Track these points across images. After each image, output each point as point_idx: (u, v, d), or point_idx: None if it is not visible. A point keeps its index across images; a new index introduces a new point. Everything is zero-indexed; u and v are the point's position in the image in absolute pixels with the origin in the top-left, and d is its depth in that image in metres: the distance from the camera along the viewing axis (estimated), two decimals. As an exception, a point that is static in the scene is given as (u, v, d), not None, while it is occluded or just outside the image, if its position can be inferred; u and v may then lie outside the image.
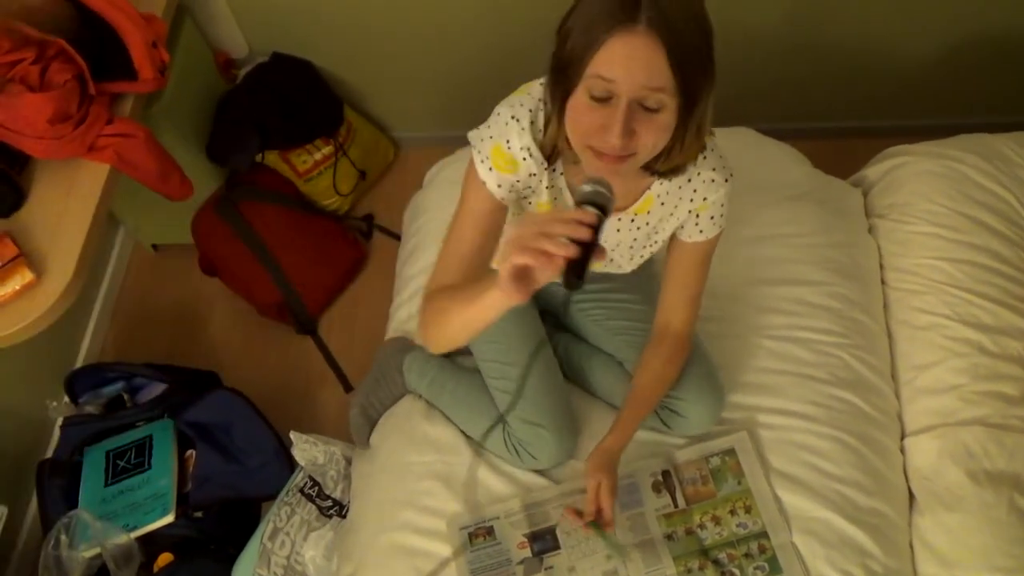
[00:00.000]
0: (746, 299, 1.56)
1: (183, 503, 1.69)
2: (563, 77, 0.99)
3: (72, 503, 1.70)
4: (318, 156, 2.24)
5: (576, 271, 0.88)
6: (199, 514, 1.70)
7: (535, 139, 1.11)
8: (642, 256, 1.33)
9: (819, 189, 1.73)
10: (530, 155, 1.12)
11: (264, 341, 2.21)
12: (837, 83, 2.20)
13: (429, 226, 1.78)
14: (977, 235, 1.56)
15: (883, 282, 1.62)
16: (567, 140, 1.06)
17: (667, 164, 1.09)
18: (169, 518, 1.65)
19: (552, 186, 1.17)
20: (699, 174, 1.18)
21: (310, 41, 2.18)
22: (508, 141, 1.11)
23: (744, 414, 1.44)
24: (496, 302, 0.95)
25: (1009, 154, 1.66)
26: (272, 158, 2.22)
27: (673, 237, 1.27)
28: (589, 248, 0.88)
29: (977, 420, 1.39)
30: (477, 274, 1.13)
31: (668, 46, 0.92)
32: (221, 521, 1.72)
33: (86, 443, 1.78)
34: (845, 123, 2.31)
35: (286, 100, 2.16)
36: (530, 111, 1.11)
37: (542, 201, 1.19)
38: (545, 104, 1.07)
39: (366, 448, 1.47)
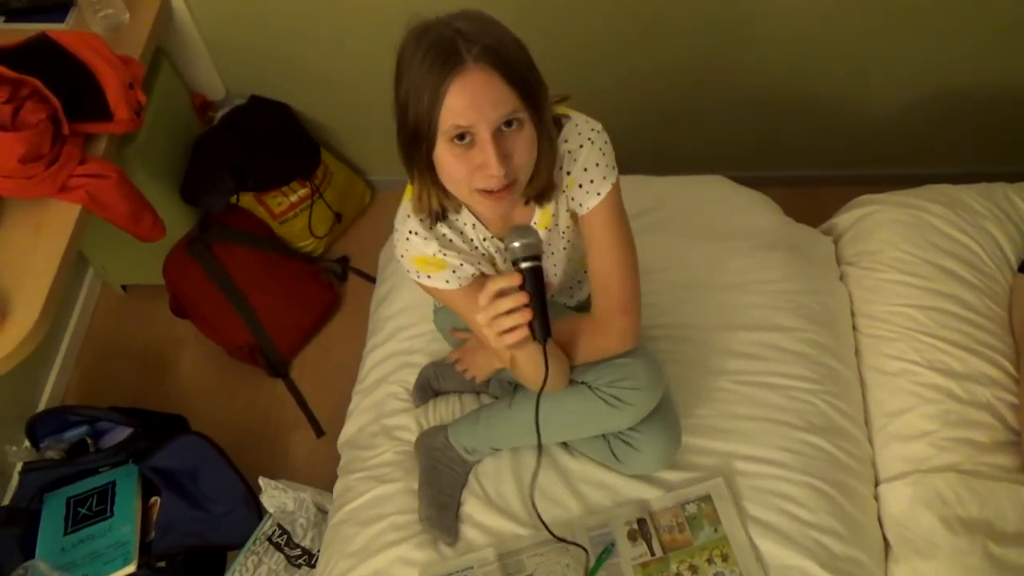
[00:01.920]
0: (720, 344, 1.57)
1: (146, 552, 1.64)
2: (419, 143, 1.02)
3: (29, 553, 1.64)
4: (294, 198, 2.24)
5: (541, 329, 1.02)
6: (162, 564, 1.64)
7: (443, 241, 1.17)
8: (576, 254, 1.33)
9: (791, 236, 1.76)
10: (445, 252, 1.17)
11: (234, 384, 2.18)
12: (807, 134, 2.25)
13: (405, 268, 1.78)
14: (944, 283, 1.59)
15: (854, 328, 1.64)
16: (450, 197, 1.11)
17: (537, 184, 1.12)
18: (131, 568, 1.60)
19: (479, 246, 1.22)
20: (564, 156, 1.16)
21: (288, 84, 2.19)
22: (422, 252, 1.17)
23: (719, 460, 1.43)
24: (520, 359, 1.14)
25: (973, 204, 1.70)
26: (247, 200, 2.21)
27: (581, 221, 1.23)
28: (539, 300, 1.01)
29: (949, 467, 1.39)
30: None
31: (501, 71, 0.97)
32: (185, 571, 1.67)
33: (46, 489, 1.72)
34: (815, 172, 2.36)
35: (262, 142, 2.16)
36: (421, 220, 1.16)
37: (498, 263, 1.24)
38: (413, 180, 1.11)
39: (456, 542, 1.39)
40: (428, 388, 1.58)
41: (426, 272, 1.19)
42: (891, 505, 1.42)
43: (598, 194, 1.17)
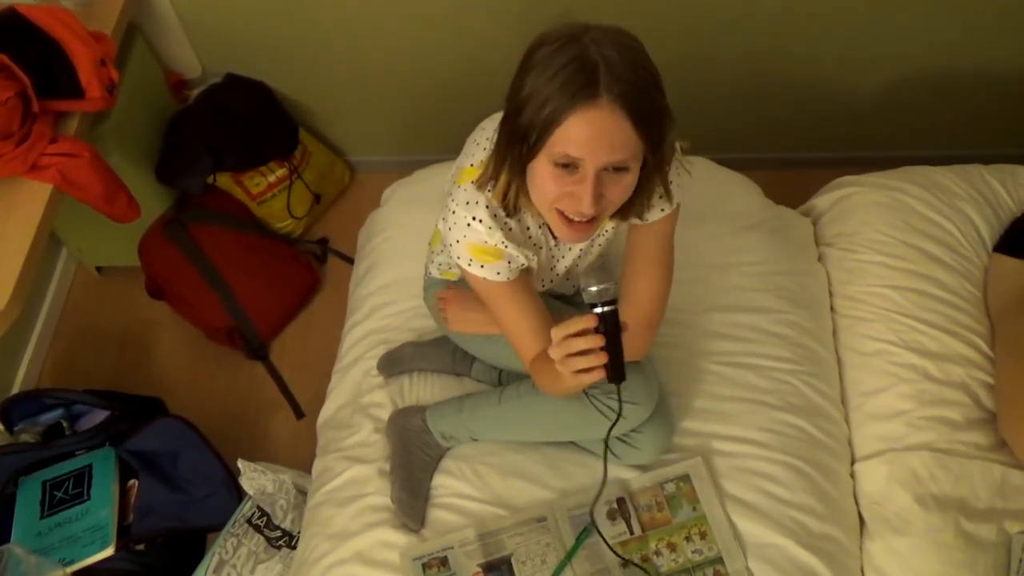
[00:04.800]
0: (701, 326, 1.58)
1: (124, 535, 1.63)
2: (522, 146, 0.99)
3: (4, 537, 1.62)
4: (272, 179, 2.21)
5: (616, 373, 0.98)
6: (141, 547, 1.64)
7: (505, 230, 1.13)
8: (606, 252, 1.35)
9: (772, 218, 1.76)
10: (506, 245, 1.13)
11: (213, 367, 2.16)
12: (789, 116, 2.26)
13: (385, 245, 1.77)
14: (921, 264, 1.60)
15: (832, 309, 1.65)
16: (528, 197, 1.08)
17: (630, 212, 1.12)
18: (108, 551, 1.59)
19: (533, 234, 1.19)
20: None
21: (265, 63, 2.16)
22: (484, 241, 1.13)
23: (698, 440, 1.44)
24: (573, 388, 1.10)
25: (950, 186, 1.71)
26: (224, 180, 2.18)
27: (631, 227, 1.24)
28: (616, 344, 0.96)
29: (924, 445, 1.41)
30: (549, 327, 1.16)
31: (633, 114, 0.93)
32: (164, 554, 1.66)
33: (21, 473, 1.70)
34: (796, 154, 2.37)
35: (240, 122, 2.13)
36: (487, 207, 1.12)
37: (541, 255, 1.22)
38: (497, 168, 1.07)
39: (421, 529, 1.38)
40: (400, 364, 1.57)
41: (480, 261, 1.14)
42: (867, 483, 1.44)
43: (662, 210, 1.18)
